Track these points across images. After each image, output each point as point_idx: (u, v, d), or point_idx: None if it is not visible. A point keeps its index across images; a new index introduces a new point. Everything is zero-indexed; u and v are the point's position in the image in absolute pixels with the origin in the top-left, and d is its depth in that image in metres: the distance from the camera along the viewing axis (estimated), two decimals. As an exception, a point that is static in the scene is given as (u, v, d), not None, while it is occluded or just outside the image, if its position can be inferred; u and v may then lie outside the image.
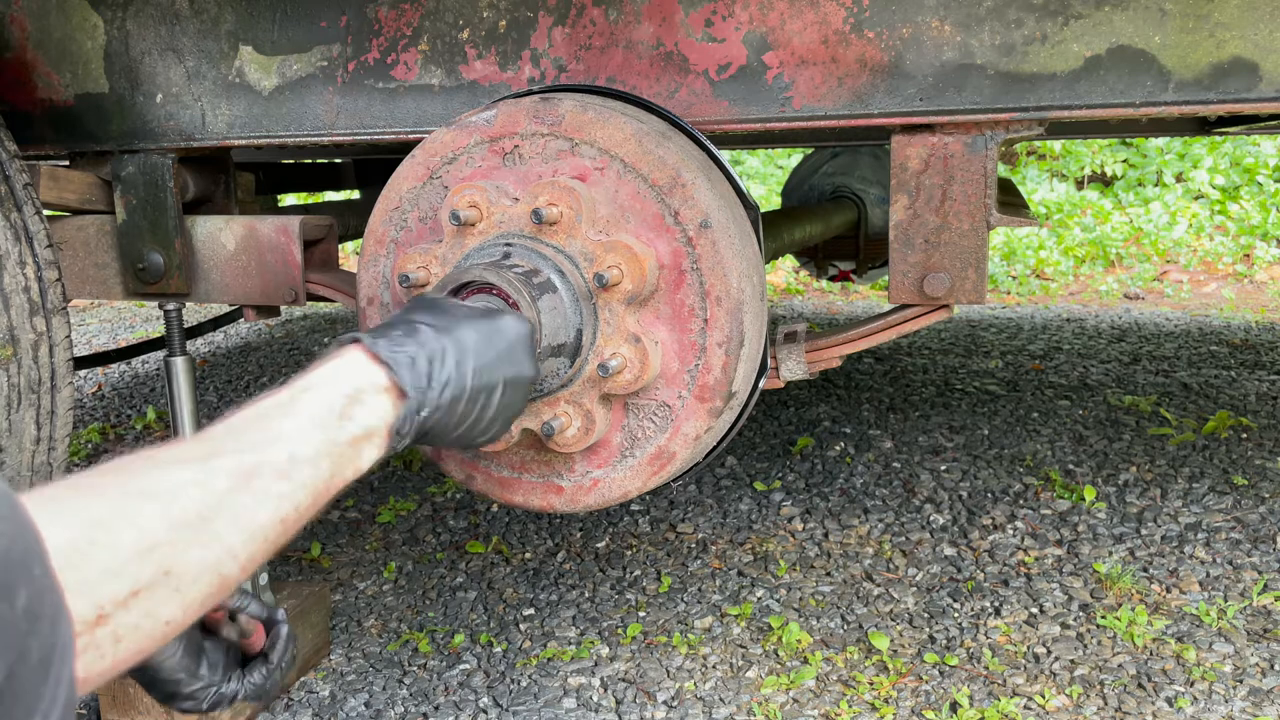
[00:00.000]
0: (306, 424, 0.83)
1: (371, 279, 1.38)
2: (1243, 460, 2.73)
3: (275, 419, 0.82)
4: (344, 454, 0.85)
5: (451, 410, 0.96)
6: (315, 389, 0.87)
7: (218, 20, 1.58)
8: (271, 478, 0.78)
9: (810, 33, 1.32)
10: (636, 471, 1.28)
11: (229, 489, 0.74)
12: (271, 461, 0.78)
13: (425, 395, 0.92)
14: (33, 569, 0.54)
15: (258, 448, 0.78)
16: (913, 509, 2.53)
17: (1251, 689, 1.78)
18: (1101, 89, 1.25)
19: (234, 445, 0.78)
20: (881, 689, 1.83)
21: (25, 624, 0.52)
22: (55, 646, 0.55)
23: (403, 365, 0.91)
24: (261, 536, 0.76)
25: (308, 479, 0.81)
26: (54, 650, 0.55)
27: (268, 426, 0.81)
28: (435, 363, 0.94)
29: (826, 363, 1.44)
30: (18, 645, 0.52)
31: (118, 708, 1.74)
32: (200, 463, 0.74)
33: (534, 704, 1.83)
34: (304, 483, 0.80)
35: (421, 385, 0.92)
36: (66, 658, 0.56)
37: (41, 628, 0.54)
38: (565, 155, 1.25)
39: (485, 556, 2.40)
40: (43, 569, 0.55)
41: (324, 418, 0.85)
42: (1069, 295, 5.50)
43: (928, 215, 1.34)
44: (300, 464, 0.80)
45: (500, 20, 1.44)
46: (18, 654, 0.52)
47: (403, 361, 0.92)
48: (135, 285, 1.72)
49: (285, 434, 0.81)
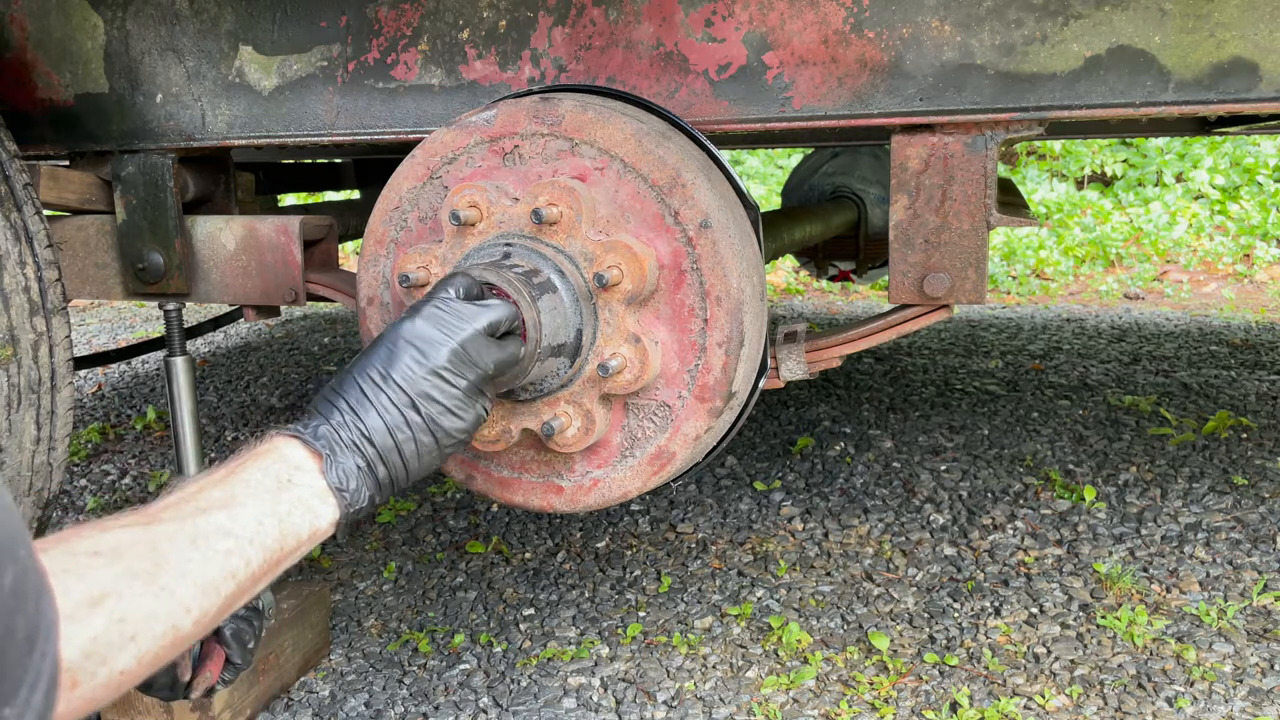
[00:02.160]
0: (248, 490, 0.86)
1: (371, 279, 1.38)
2: (1243, 460, 2.73)
3: (215, 489, 0.85)
4: (290, 514, 0.87)
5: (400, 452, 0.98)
6: (254, 459, 0.90)
7: (218, 20, 1.58)
8: (216, 536, 0.80)
9: (810, 33, 1.32)
10: (636, 471, 1.28)
11: (173, 547, 0.76)
12: (214, 522, 0.81)
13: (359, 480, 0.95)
14: (17, 550, 0.56)
15: (198, 512, 0.81)
16: (913, 509, 2.53)
17: (1251, 689, 1.78)
18: (1101, 89, 1.25)
19: (175, 512, 0.81)
20: (881, 689, 1.83)
21: (12, 601, 0.54)
22: (40, 625, 0.57)
23: (318, 437, 0.95)
24: (213, 590, 0.78)
25: (253, 534, 0.83)
26: (39, 628, 0.57)
27: (207, 495, 0.84)
28: (345, 418, 0.96)
29: (826, 363, 1.44)
30: (5, 622, 0.54)
31: (117, 707, 1.74)
32: (144, 526, 0.77)
33: (534, 704, 1.83)
34: (250, 538, 0.82)
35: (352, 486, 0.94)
36: (51, 635, 0.58)
37: (27, 606, 0.56)
38: (565, 155, 1.25)
39: (485, 556, 2.40)
40: (27, 550, 0.57)
41: (264, 482, 0.87)
42: (1069, 295, 5.50)
43: (928, 215, 1.34)
44: (243, 522, 0.83)
45: (500, 20, 1.44)
46: (5, 630, 0.54)
47: (317, 433, 0.95)
48: (135, 285, 1.72)
49: (226, 498, 0.84)
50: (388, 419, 0.96)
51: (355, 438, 0.95)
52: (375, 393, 0.97)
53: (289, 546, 0.86)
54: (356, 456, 0.94)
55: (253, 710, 1.82)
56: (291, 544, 0.87)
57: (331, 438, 0.94)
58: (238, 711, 1.77)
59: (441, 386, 0.98)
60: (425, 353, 0.98)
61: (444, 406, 0.98)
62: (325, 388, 1.00)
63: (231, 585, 0.79)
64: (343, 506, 0.92)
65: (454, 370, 0.99)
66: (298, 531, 0.87)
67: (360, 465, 0.94)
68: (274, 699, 1.88)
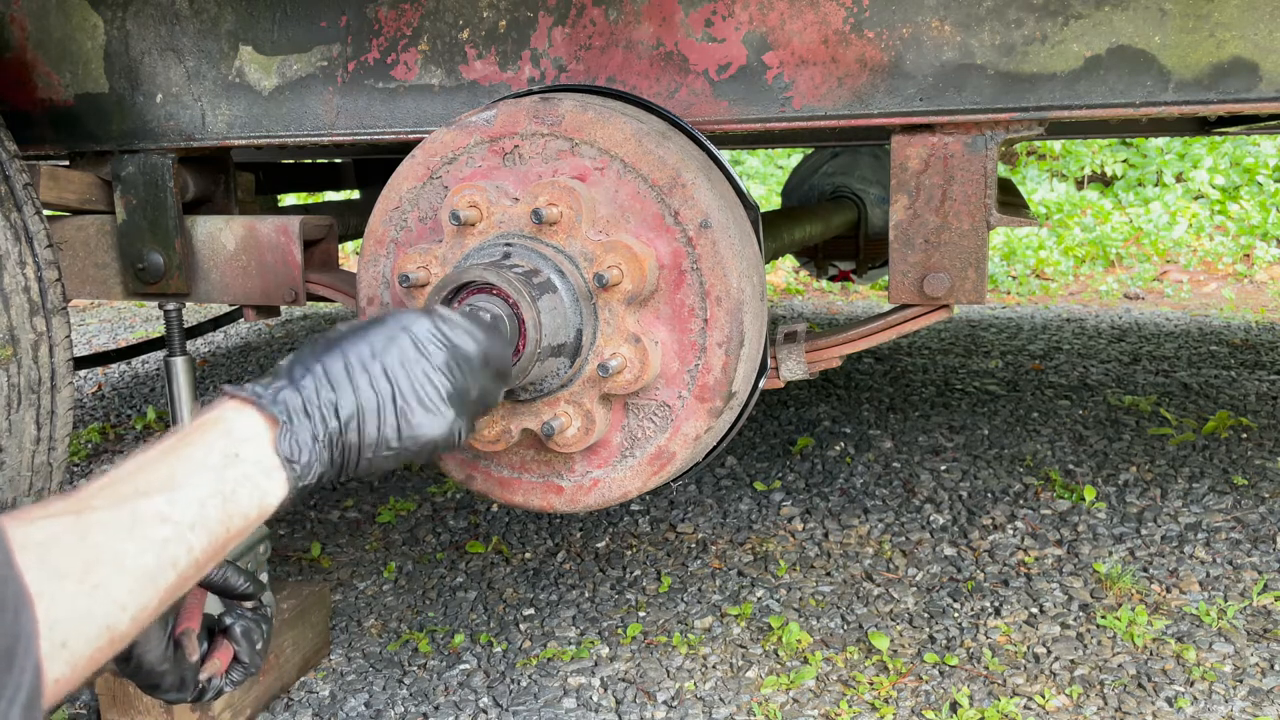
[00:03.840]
0: (190, 467, 0.79)
1: (371, 279, 1.38)
2: (1243, 460, 2.73)
3: (152, 468, 0.78)
4: (236, 493, 0.80)
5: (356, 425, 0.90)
6: (199, 431, 0.83)
7: (218, 20, 1.58)
8: (153, 522, 0.73)
9: (810, 33, 1.32)
10: (636, 471, 1.28)
11: (107, 538, 0.70)
12: (151, 506, 0.74)
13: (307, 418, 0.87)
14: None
15: (135, 496, 0.74)
16: (913, 509, 2.53)
17: (1251, 689, 1.78)
18: (1101, 89, 1.25)
19: (109, 496, 0.73)
20: (881, 689, 1.83)
21: None
22: (19, 635, 0.55)
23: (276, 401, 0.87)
24: (150, 583, 0.71)
25: (195, 519, 0.76)
26: (17, 639, 0.55)
27: (145, 475, 0.77)
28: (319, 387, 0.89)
29: (826, 363, 1.44)
30: None
31: (117, 707, 1.74)
32: (75, 515, 0.70)
33: (534, 704, 1.83)
34: (191, 523, 0.76)
35: (298, 408, 0.87)
36: (30, 646, 0.56)
37: (4, 618, 0.55)
38: (565, 155, 1.25)
39: (485, 556, 2.40)
40: (4, 560, 0.55)
41: (207, 460, 0.80)
42: (1069, 295, 5.50)
43: (928, 215, 1.34)
44: (184, 505, 0.76)
45: (500, 20, 1.44)
46: None
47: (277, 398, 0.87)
48: (135, 285, 1.72)
49: (165, 479, 0.77)
50: (363, 400, 0.90)
51: (322, 409, 0.88)
52: (359, 372, 0.91)
53: (235, 528, 0.80)
54: (317, 427, 0.88)
55: (253, 710, 1.82)
56: (238, 525, 0.80)
57: (293, 404, 0.87)
58: (238, 711, 1.77)
59: (427, 388, 0.94)
60: (422, 350, 0.95)
61: (424, 407, 0.94)
62: (302, 352, 0.93)
63: (172, 575, 0.73)
64: (291, 480, 0.85)
65: (446, 375, 0.95)
66: (244, 511, 0.81)
67: (318, 437, 0.88)
68: (274, 699, 1.88)
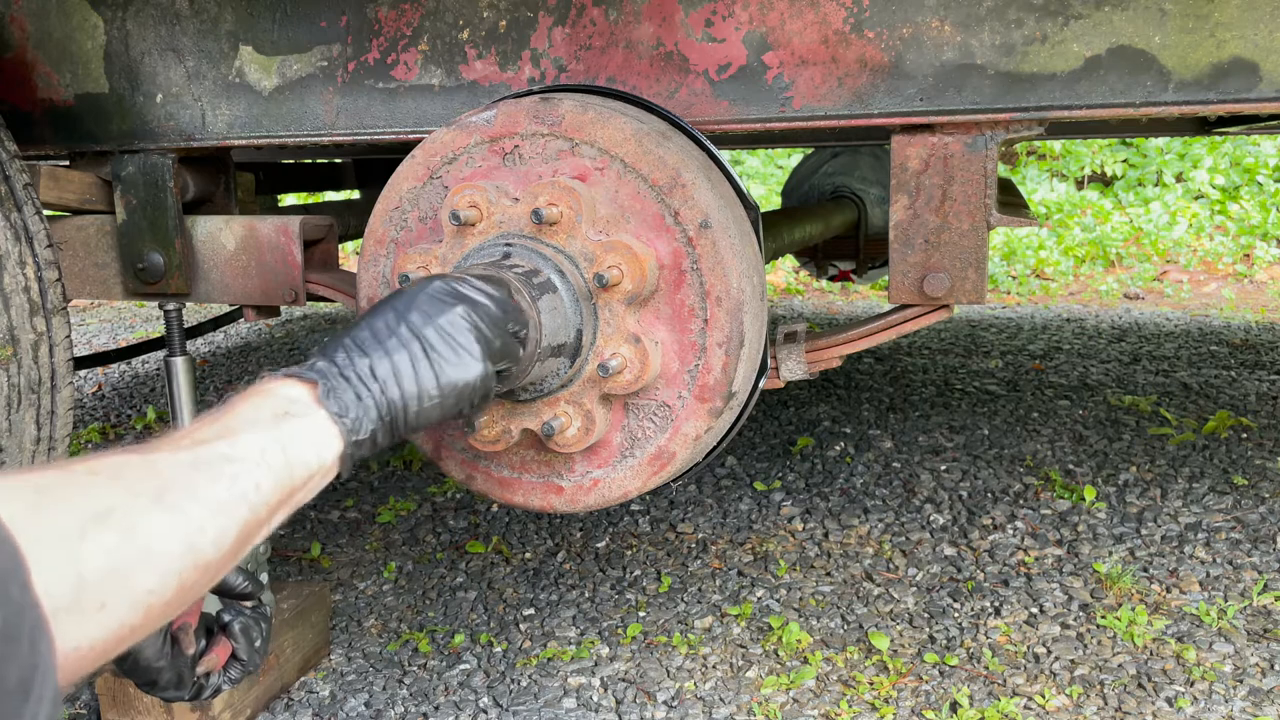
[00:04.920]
0: (242, 422, 0.81)
1: (371, 279, 1.38)
2: (1243, 460, 2.73)
3: (208, 425, 0.80)
4: (293, 441, 0.82)
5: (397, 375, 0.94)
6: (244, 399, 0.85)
7: (218, 20, 1.58)
8: (218, 461, 0.75)
9: (810, 33, 1.32)
10: (636, 471, 1.28)
11: (175, 470, 0.71)
12: (213, 450, 0.76)
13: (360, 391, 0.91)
14: (9, 590, 0.52)
15: (194, 445, 0.76)
16: (913, 509, 2.53)
17: (1251, 689, 1.78)
18: (1101, 89, 1.25)
19: (170, 445, 0.76)
20: (881, 689, 1.83)
21: (3, 648, 0.51)
22: (36, 668, 0.53)
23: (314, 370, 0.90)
24: (224, 512, 0.73)
25: (258, 459, 0.78)
26: (35, 671, 0.53)
27: (198, 433, 0.79)
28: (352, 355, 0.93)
29: (826, 363, 1.44)
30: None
31: (117, 707, 1.74)
32: (140, 454, 0.72)
33: (534, 704, 1.83)
34: (256, 461, 0.77)
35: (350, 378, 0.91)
36: (48, 678, 0.54)
37: (20, 650, 0.52)
38: (565, 155, 1.25)
39: (485, 556, 2.40)
40: (20, 588, 0.53)
41: (259, 417, 0.82)
42: (1069, 295, 5.50)
43: (928, 215, 1.34)
44: (245, 448, 0.78)
45: (500, 20, 1.44)
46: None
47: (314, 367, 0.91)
48: (135, 285, 1.72)
49: (221, 430, 0.79)
50: (395, 358, 0.94)
51: (358, 372, 0.92)
52: (387, 335, 0.95)
53: (299, 476, 0.81)
54: (358, 387, 0.91)
55: (253, 710, 1.82)
56: (301, 474, 0.82)
57: (330, 373, 0.90)
58: (238, 711, 1.77)
59: (455, 337, 0.97)
60: (443, 304, 0.98)
61: (455, 354, 0.97)
62: (330, 338, 0.98)
63: (244, 509, 0.74)
64: (344, 434, 0.87)
65: (468, 324, 0.99)
66: (305, 459, 0.82)
67: (361, 397, 0.90)
68: (274, 699, 1.88)
